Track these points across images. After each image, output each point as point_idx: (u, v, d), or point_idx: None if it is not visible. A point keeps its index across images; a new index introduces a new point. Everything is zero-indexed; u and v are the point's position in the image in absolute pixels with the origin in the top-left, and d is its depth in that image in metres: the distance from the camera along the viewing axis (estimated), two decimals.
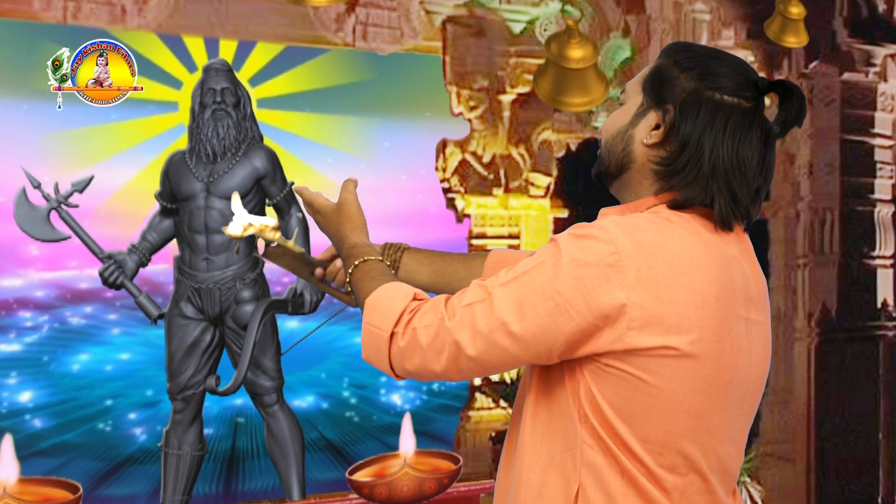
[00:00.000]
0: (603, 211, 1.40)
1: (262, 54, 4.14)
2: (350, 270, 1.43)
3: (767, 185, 1.34)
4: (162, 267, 3.64)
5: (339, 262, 1.63)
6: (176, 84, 3.97)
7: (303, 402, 4.10)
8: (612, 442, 1.25)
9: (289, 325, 3.62)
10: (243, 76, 3.93)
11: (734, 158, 1.29)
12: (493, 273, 1.60)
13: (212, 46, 4.01)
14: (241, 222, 1.54)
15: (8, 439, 3.05)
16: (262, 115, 3.68)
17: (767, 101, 1.35)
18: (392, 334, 1.29)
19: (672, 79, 1.33)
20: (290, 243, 1.58)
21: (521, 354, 1.25)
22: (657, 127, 1.33)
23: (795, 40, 3.48)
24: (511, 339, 1.23)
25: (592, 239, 1.23)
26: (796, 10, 3.44)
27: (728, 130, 1.29)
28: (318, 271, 1.63)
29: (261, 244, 1.59)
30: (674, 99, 1.32)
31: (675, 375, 1.23)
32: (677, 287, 1.22)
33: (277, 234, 1.55)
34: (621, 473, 1.25)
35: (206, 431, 3.48)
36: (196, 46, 4.02)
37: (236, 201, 1.58)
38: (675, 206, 1.31)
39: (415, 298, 1.32)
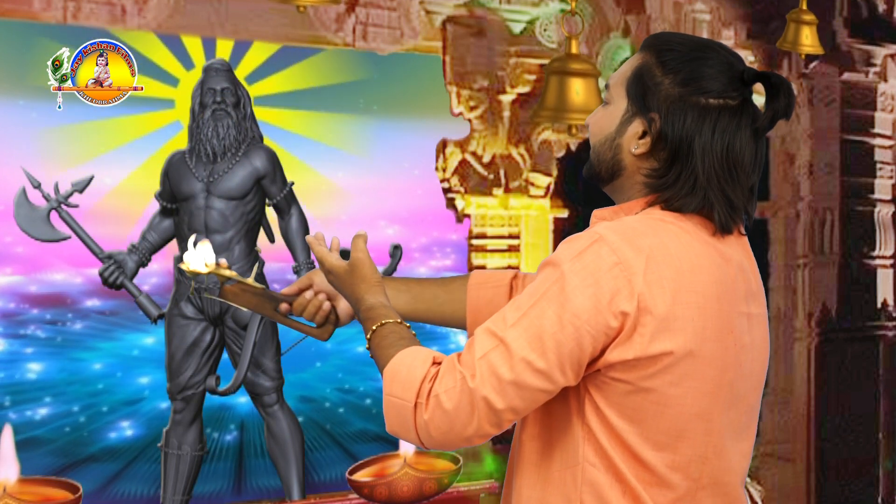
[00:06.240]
0: (596, 213, 1.39)
1: (260, 53, 4.13)
2: (368, 336, 1.38)
3: (758, 178, 1.33)
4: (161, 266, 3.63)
5: (308, 295, 1.56)
6: (173, 82, 3.96)
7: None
8: (619, 457, 1.24)
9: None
10: (240, 74, 3.92)
11: (725, 162, 1.27)
12: (477, 294, 1.59)
13: (209, 46, 4.00)
14: (203, 259, 1.43)
15: (8, 432, 3.03)
16: (259, 114, 3.66)
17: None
18: (415, 405, 1.23)
19: (655, 84, 1.30)
20: (250, 280, 1.49)
21: (552, 387, 1.23)
22: (644, 135, 1.31)
23: (811, 46, 3.50)
24: (538, 375, 1.21)
25: (593, 254, 1.22)
26: (809, 18, 3.52)
27: (717, 134, 1.27)
28: (283, 306, 1.55)
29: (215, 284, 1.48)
30: (658, 106, 1.30)
31: (682, 380, 1.23)
32: (681, 290, 1.22)
33: (232, 272, 1.47)
34: (623, 493, 1.25)
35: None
36: (193, 45, 4.01)
37: (204, 245, 1.49)
38: (672, 210, 1.30)
39: (434, 363, 1.26)
